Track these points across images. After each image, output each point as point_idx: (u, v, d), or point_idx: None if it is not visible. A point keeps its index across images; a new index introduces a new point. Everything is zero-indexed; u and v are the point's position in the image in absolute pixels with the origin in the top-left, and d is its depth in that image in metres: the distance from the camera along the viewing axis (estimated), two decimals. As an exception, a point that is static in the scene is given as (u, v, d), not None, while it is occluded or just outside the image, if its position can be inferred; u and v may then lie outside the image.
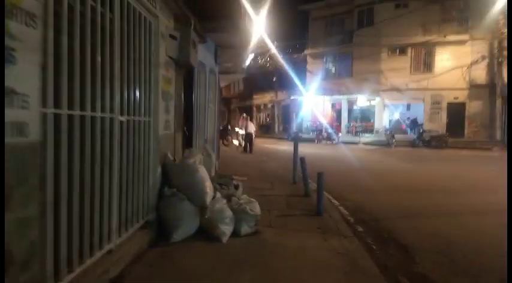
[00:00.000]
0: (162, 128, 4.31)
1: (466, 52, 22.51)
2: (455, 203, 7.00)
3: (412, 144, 20.59)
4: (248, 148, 15.56)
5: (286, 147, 19.47)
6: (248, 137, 15.67)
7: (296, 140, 8.06)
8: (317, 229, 4.81)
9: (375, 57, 23.70)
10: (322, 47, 26.23)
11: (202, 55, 6.86)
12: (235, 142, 17.50)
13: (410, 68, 23.73)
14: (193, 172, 4.24)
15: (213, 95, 8.50)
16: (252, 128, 15.77)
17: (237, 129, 17.78)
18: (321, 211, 5.58)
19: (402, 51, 23.78)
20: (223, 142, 18.96)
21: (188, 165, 4.27)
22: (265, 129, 32.25)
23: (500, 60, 21.47)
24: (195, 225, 4.23)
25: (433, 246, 4.53)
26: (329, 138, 22.69)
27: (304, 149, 14.14)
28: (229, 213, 4.31)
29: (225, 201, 4.44)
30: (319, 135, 23.50)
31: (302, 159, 6.94)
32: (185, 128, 6.07)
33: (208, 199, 4.22)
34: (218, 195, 4.46)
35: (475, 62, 22.41)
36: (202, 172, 4.32)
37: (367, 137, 23.69)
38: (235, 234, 4.32)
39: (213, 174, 7.35)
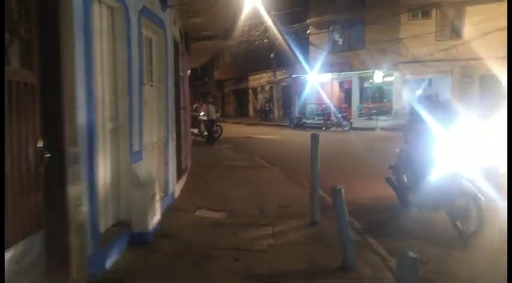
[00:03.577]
0: None
1: (503, 11, 18.39)
2: None
3: (442, 127, 16.75)
4: (212, 138, 13.32)
5: (290, 137, 15.71)
6: (210, 124, 13.40)
7: (315, 156, 4.26)
8: None
9: (392, 22, 19.58)
10: (327, 13, 21.94)
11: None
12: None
13: (436, 34, 19.64)
14: None
15: (159, 66, 4.67)
16: (213, 113, 13.49)
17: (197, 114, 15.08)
18: None
19: (425, 13, 19.65)
20: (201, 136, 14.17)
21: None
22: (264, 116, 27.84)
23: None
24: None
25: None
26: (339, 124, 18.72)
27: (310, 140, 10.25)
28: None
29: None
30: (326, 120, 19.56)
31: (336, 192, 3.17)
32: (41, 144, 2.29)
33: None
34: None
35: (514, 24, 18.39)
36: None
37: (384, 121, 19.76)
38: None
39: (150, 225, 3.60)
